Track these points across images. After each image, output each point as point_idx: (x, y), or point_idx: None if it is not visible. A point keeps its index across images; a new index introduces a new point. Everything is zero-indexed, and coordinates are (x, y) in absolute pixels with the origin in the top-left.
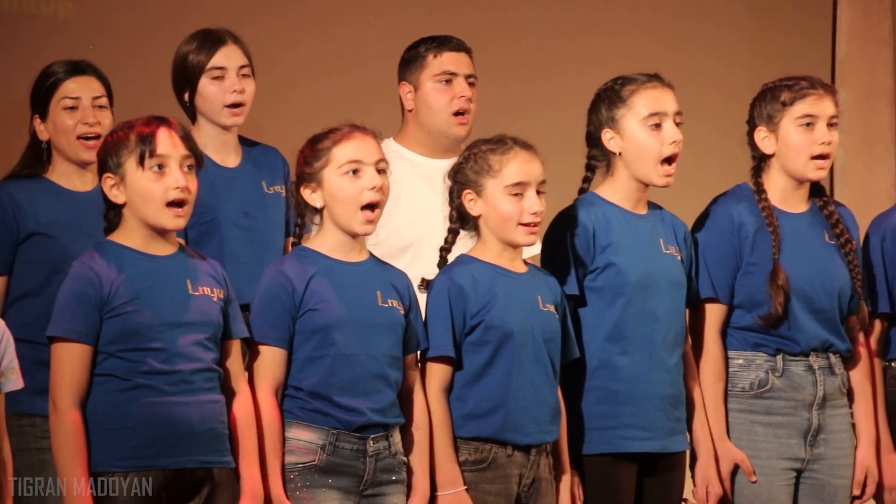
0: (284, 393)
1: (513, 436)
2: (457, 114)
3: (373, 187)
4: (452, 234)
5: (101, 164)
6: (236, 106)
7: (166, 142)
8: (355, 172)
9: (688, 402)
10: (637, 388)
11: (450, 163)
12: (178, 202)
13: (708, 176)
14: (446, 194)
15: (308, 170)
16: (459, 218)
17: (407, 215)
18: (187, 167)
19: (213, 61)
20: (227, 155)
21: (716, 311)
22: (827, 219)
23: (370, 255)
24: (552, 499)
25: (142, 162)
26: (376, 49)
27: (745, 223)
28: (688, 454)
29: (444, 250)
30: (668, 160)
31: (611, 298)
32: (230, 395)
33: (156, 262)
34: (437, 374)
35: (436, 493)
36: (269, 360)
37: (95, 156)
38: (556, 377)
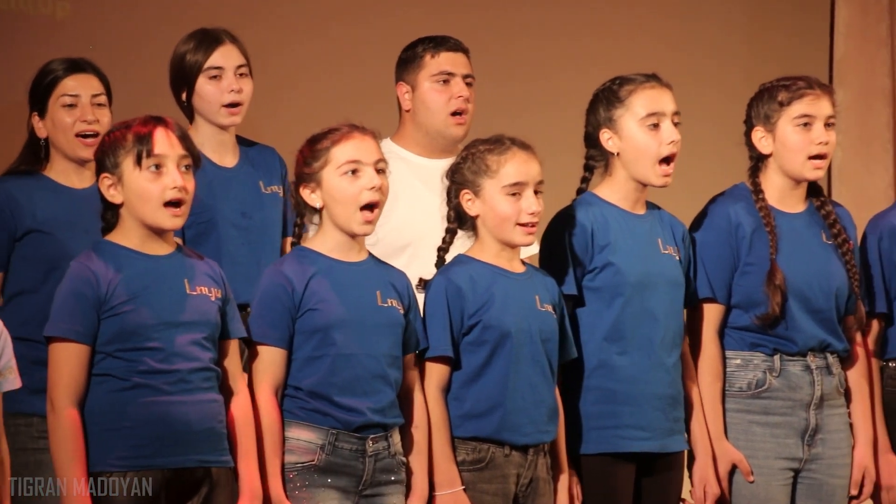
0: (284, 393)
1: (510, 436)
2: (454, 114)
3: (372, 187)
4: (450, 234)
5: (98, 164)
6: (234, 106)
7: (163, 142)
8: (354, 172)
9: (686, 402)
10: (635, 388)
11: (447, 163)
12: (175, 202)
13: (705, 176)
14: (444, 194)
15: (307, 170)
16: (457, 218)
17: (404, 215)
18: (184, 167)
19: (211, 61)
20: (224, 155)
21: (713, 311)
22: (824, 219)
23: (370, 255)
24: (550, 499)
25: (139, 162)
26: (374, 49)
27: (743, 223)
28: (686, 454)
29: (442, 250)
30: (666, 160)
31: (609, 298)
32: (228, 395)
33: (153, 262)
34: (436, 373)
35: (433, 493)
36: (269, 360)
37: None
38: (553, 377)
